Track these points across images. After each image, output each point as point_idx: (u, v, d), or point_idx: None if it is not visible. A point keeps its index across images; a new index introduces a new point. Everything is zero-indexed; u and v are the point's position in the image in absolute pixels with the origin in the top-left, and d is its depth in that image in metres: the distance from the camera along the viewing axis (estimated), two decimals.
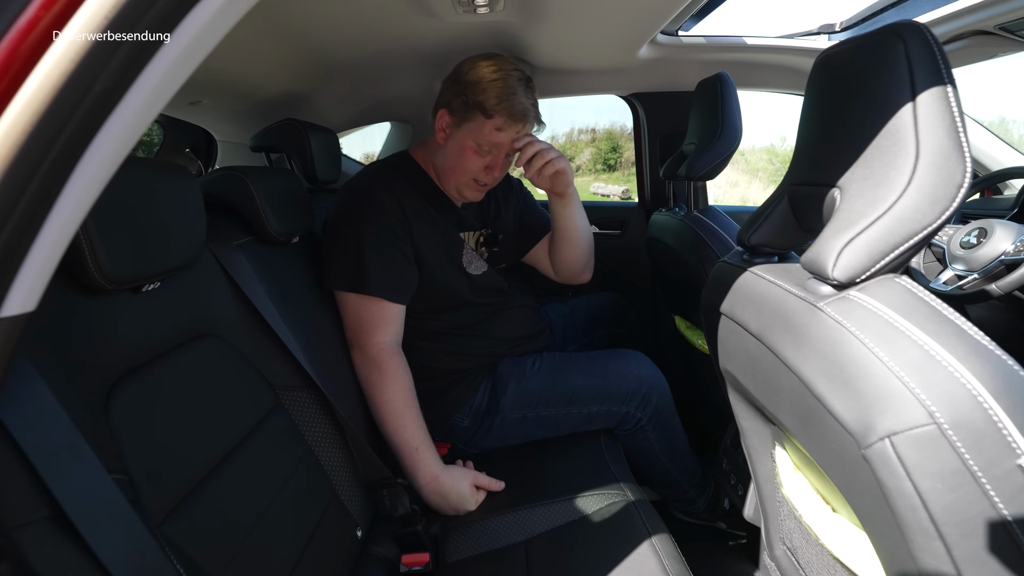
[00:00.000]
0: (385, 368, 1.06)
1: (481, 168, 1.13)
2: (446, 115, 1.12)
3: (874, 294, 0.52)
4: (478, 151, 1.11)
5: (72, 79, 0.33)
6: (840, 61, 0.61)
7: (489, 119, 1.07)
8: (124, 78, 0.35)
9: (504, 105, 1.06)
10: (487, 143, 1.10)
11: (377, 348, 1.07)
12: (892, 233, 0.52)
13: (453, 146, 1.13)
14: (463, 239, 1.23)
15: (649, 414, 1.21)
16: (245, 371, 0.81)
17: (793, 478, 0.78)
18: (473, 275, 1.23)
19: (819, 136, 0.64)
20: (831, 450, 0.54)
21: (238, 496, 0.70)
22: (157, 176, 0.68)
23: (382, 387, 1.05)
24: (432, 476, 1.02)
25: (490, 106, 1.06)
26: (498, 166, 1.14)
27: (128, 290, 0.65)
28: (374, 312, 1.08)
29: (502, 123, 1.08)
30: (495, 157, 1.13)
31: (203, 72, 1.06)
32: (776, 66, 1.54)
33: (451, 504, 1.02)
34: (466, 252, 1.23)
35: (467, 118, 1.09)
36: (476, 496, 1.04)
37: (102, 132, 0.36)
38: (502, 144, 1.11)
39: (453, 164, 1.14)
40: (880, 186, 0.53)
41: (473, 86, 1.07)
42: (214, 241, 0.85)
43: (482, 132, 1.09)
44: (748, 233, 0.73)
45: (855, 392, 0.49)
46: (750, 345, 0.67)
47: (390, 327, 1.09)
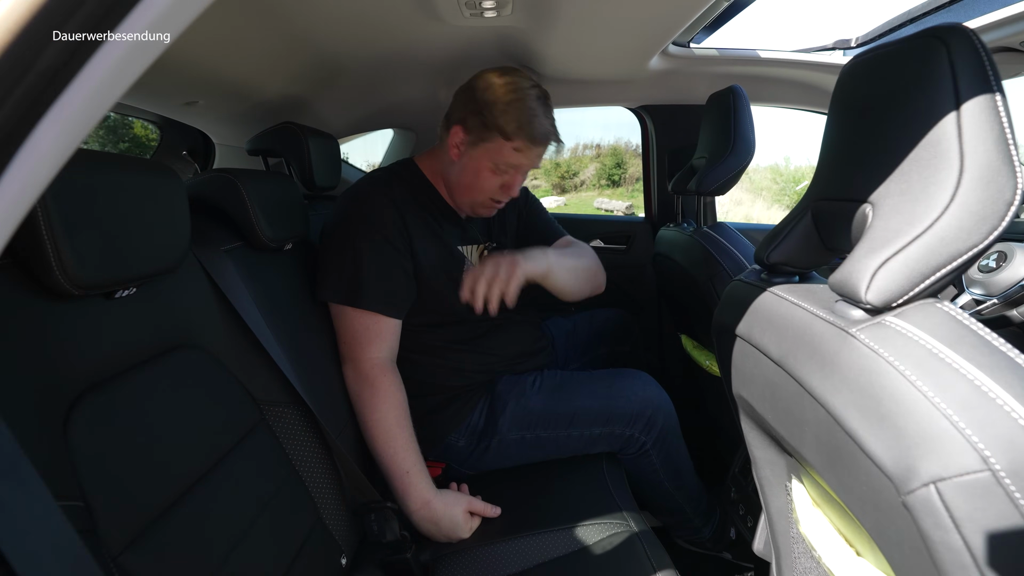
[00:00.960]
0: (377, 385, 1.01)
1: (498, 187, 1.09)
2: (460, 132, 1.07)
3: (914, 320, 0.47)
4: (495, 171, 1.07)
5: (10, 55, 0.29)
6: (874, 67, 0.56)
7: (508, 141, 1.03)
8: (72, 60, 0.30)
9: (526, 130, 1.02)
10: (505, 164, 1.06)
11: (370, 363, 1.02)
12: (933, 254, 0.47)
13: (469, 165, 1.08)
14: (464, 254, 1.19)
15: (654, 438, 1.16)
16: (227, 385, 0.76)
17: (811, 515, 0.72)
18: None
19: (848, 147, 0.60)
20: (863, 492, 0.48)
21: (211, 521, 0.65)
22: (136, 175, 0.63)
23: (373, 404, 1.00)
24: (423, 501, 0.96)
25: (510, 130, 1.02)
26: (515, 185, 1.10)
27: (99, 296, 0.60)
28: (368, 326, 1.03)
29: (522, 145, 1.03)
30: (513, 176, 1.09)
31: (198, 72, 1.03)
32: (789, 81, 1.51)
33: (443, 531, 0.96)
34: (467, 268, 1.18)
35: (484, 138, 1.04)
36: (470, 523, 0.98)
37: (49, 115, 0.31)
38: (521, 165, 1.07)
39: (469, 183, 1.10)
40: (919, 202, 0.49)
41: (491, 107, 1.02)
42: (200, 246, 0.80)
43: (501, 154, 1.04)
44: (767, 250, 0.68)
45: (894, 430, 0.43)
46: (769, 371, 0.62)
47: (384, 342, 1.05)
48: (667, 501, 1.24)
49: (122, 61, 0.32)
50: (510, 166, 1.06)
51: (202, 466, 0.66)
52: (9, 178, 0.31)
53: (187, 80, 1.02)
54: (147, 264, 0.63)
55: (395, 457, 0.98)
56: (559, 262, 1.12)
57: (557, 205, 13.10)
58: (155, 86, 1.03)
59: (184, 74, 0.99)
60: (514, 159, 1.05)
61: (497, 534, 0.97)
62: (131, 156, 0.67)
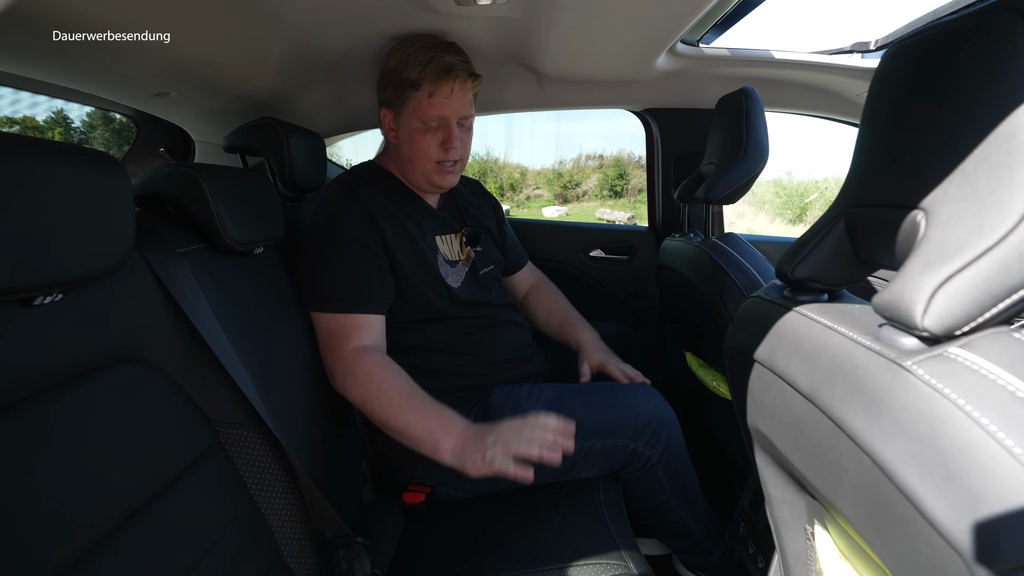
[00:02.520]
0: (363, 363, 0.96)
1: (437, 146, 1.08)
2: (386, 112, 1.11)
3: (986, 353, 0.38)
4: (426, 129, 1.07)
5: None
6: (924, 51, 0.48)
7: (418, 90, 1.03)
8: None
9: (427, 69, 1.01)
10: (429, 116, 1.05)
11: (352, 353, 0.97)
12: (1009, 271, 0.38)
13: (404, 136, 1.09)
14: (438, 245, 1.15)
15: (660, 452, 1.07)
16: (175, 405, 0.67)
17: (838, 568, 0.63)
18: (452, 287, 1.14)
19: (891, 146, 0.51)
20: (920, 565, 0.39)
21: (146, 561, 0.55)
22: (66, 163, 0.54)
23: (366, 389, 0.94)
24: (460, 442, 0.89)
25: (414, 77, 1.03)
26: (452, 137, 1.08)
27: (13, 302, 0.51)
28: (345, 324, 0.99)
29: (432, 88, 1.03)
30: (445, 129, 1.07)
31: (166, 59, 0.95)
32: (804, 85, 1.42)
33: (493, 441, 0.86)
34: (444, 260, 1.15)
35: (402, 102, 1.06)
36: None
37: None
38: (444, 113, 1.05)
39: (410, 154, 1.09)
40: (988, 208, 0.40)
41: (394, 69, 1.05)
42: (150, 247, 0.71)
43: (419, 108, 1.05)
44: (792, 264, 0.59)
45: (968, 493, 0.34)
46: (796, 406, 0.53)
47: (364, 333, 0.99)
48: (676, 522, 1.15)
49: None
50: (435, 118, 1.06)
51: (134, 502, 0.57)
52: None
53: (154, 68, 0.94)
54: (76, 266, 0.55)
55: (409, 427, 0.92)
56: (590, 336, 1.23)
57: (559, 215, 13.06)
58: (120, 73, 0.95)
59: (151, 61, 0.91)
60: (434, 108, 1.05)
61: (484, 571, 0.88)
62: (68, 144, 0.58)
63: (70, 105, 1.22)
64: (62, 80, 0.97)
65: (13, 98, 1.11)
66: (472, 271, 1.20)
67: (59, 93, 1.06)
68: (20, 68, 0.89)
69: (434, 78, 1.02)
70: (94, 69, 0.92)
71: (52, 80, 0.97)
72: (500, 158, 16.40)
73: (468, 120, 1.11)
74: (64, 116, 2.27)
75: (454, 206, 1.25)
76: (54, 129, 2.93)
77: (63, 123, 2.02)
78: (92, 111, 1.95)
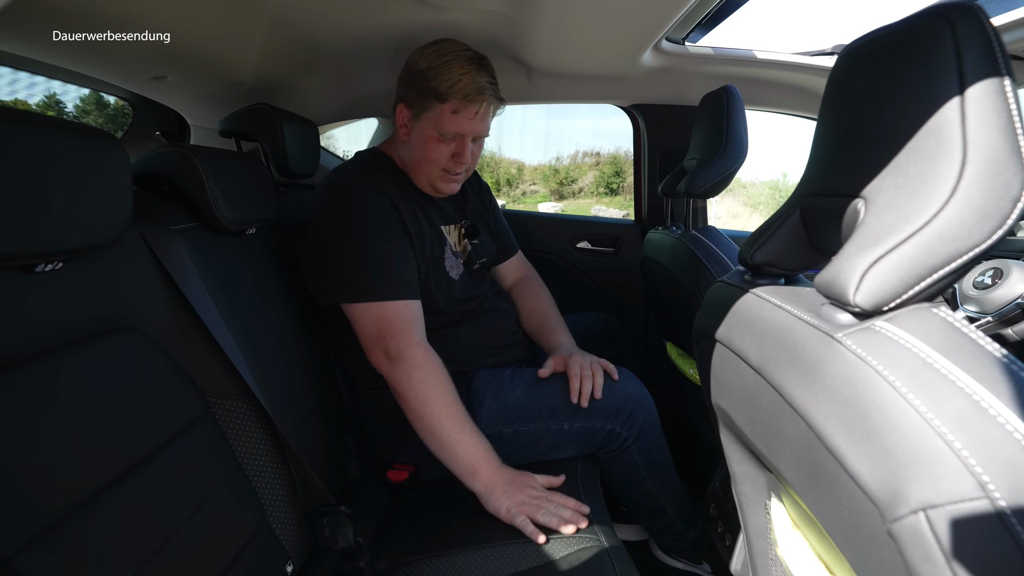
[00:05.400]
0: (433, 364, 1.01)
1: (448, 157, 1.08)
2: (404, 109, 1.09)
3: (907, 326, 0.42)
4: (441, 139, 1.06)
5: None
6: (869, 52, 0.52)
7: (444, 103, 1.03)
8: None
9: (457, 87, 1.01)
10: (447, 130, 1.05)
11: (420, 347, 1.01)
12: (931, 253, 0.42)
13: (417, 139, 1.08)
14: (445, 235, 1.18)
15: (635, 433, 1.11)
16: (168, 374, 0.70)
17: (791, 537, 0.67)
18: (454, 279, 1.16)
19: (840, 140, 0.55)
20: (845, 516, 0.43)
21: (134, 521, 0.59)
22: (70, 139, 0.58)
23: (437, 387, 0.99)
24: (494, 478, 0.96)
25: (443, 90, 1.01)
26: (464, 152, 1.08)
27: (17, 268, 0.55)
28: (400, 311, 1.01)
29: (458, 105, 1.02)
30: (460, 143, 1.07)
31: (163, 44, 0.98)
32: (786, 84, 1.46)
33: (516, 488, 0.95)
34: (450, 250, 1.18)
35: (424, 107, 1.05)
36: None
37: None
38: (463, 129, 1.06)
39: (420, 157, 1.09)
40: (916, 196, 0.44)
41: (423, 73, 1.03)
42: (147, 223, 0.74)
43: (441, 120, 1.04)
44: (752, 250, 0.63)
45: (882, 448, 0.38)
46: (749, 379, 0.57)
47: (419, 323, 1.04)
48: (650, 503, 1.20)
49: None
50: (453, 133, 1.06)
51: (129, 459, 0.60)
52: None
53: (152, 52, 0.96)
54: (75, 237, 0.58)
55: (459, 445, 0.97)
56: (564, 341, 1.25)
57: (555, 211, 13.09)
58: (118, 55, 0.97)
59: (149, 45, 0.93)
60: (454, 124, 1.04)
61: (460, 543, 0.92)
62: (71, 121, 0.61)
63: (66, 87, 1.24)
64: (62, 61, 1.00)
65: (12, 77, 1.13)
66: (467, 263, 1.23)
67: (58, 74, 1.09)
68: (21, 48, 0.91)
69: (462, 97, 1.01)
70: (93, 51, 0.95)
71: (52, 61, 0.99)
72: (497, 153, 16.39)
73: (483, 136, 1.12)
74: (57, 100, 2.27)
75: (455, 197, 1.26)
76: (46, 112, 2.92)
77: (55, 107, 2.03)
78: (87, 95, 1.96)
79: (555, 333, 1.26)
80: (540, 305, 1.36)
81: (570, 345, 1.22)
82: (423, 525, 1.00)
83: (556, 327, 1.29)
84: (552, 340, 1.24)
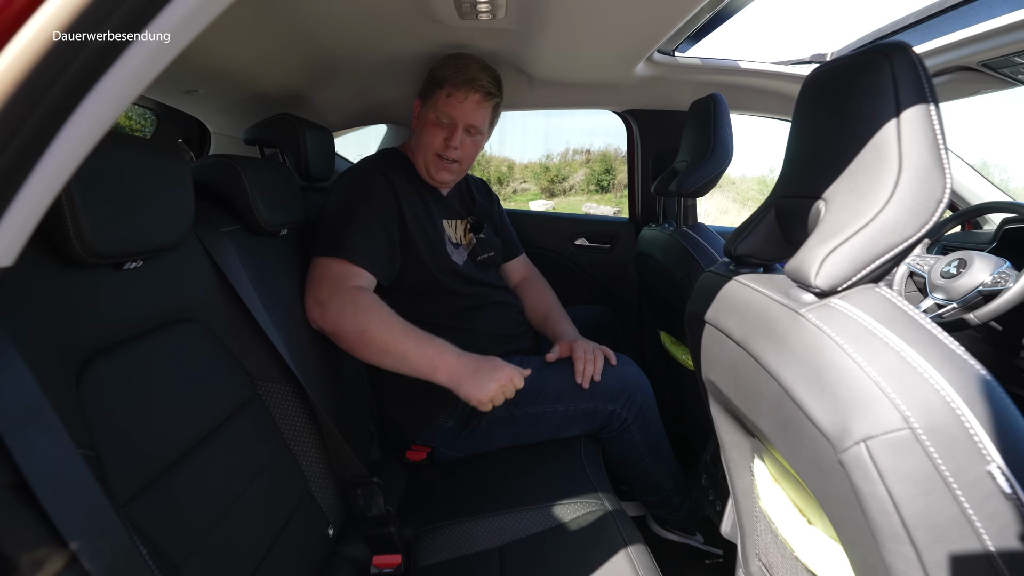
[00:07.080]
0: (364, 296, 1.04)
1: (441, 141, 1.21)
2: (418, 102, 1.26)
3: (855, 302, 0.53)
4: (437, 124, 1.20)
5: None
6: (829, 79, 0.62)
7: (441, 89, 1.18)
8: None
9: (454, 75, 1.16)
10: (442, 113, 1.19)
11: (352, 289, 1.04)
12: (874, 244, 0.53)
13: (419, 125, 1.24)
14: (444, 227, 1.29)
15: (635, 414, 1.22)
16: (223, 359, 0.80)
17: (771, 491, 0.78)
18: (456, 263, 1.27)
19: (806, 150, 0.66)
20: (808, 456, 0.54)
21: (207, 484, 0.68)
22: (148, 154, 0.67)
23: (371, 312, 1.02)
24: (456, 363, 1.04)
25: (443, 77, 1.18)
26: (454, 137, 1.20)
27: (109, 266, 0.64)
28: (348, 270, 1.07)
29: (451, 89, 1.17)
30: (452, 128, 1.20)
31: (200, 61, 1.07)
32: (768, 91, 1.58)
33: (485, 374, 1.03)
34: (448, 240, 1.28)
35: (428, 96, 1.21)
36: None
37: (92, 94, 0.36)
38: (454, 112, 1.19)
39: (418, 142, 1.24)
40: (863, 198, 0.55)
41: (435, 69, 1.21)
42: (201, 226, 0.84)
43: (437, 103, 1.19)
44: (735, 244, 0.74)
45: (833, 397, 0.49)
46: (733, 352, 0.68)
47: (363, 280, 1.08)
48: (647, 477, 1.30)
49: (147, 60, 0.37)
50: (447, 116, 1.19)
51: (201, 431, 0.70)
52: (45, 164, 0.35)
53: (190, 68, 1.05)
54: (153, 239, 0.67)
55: (408, 352, 1.02)
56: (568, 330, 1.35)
57: (546, 208, 13.18)
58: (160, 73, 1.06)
59: (188, 63, 1.02)
60: (448, 107, 1.18)
61: (477, 511, 1.02)
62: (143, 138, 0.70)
63: None
64: None
65: None
66: (472, 254, 1.33)
67: None
68: None
69: (455, 83, 1.17)
70: None
71: None
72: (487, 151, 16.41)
73: (476, 130, 1.23)
74: None
75: (463, 197, 1.40)
76: None
77: None
78: None
79: (560, 323, 1.37)
80: (544, 299, 1.46)
81: (574, 333, 1.32)
82: (441, 498, 1.10)
83: (560, 318, 1.39)
84: (557, 330, 1.34)
